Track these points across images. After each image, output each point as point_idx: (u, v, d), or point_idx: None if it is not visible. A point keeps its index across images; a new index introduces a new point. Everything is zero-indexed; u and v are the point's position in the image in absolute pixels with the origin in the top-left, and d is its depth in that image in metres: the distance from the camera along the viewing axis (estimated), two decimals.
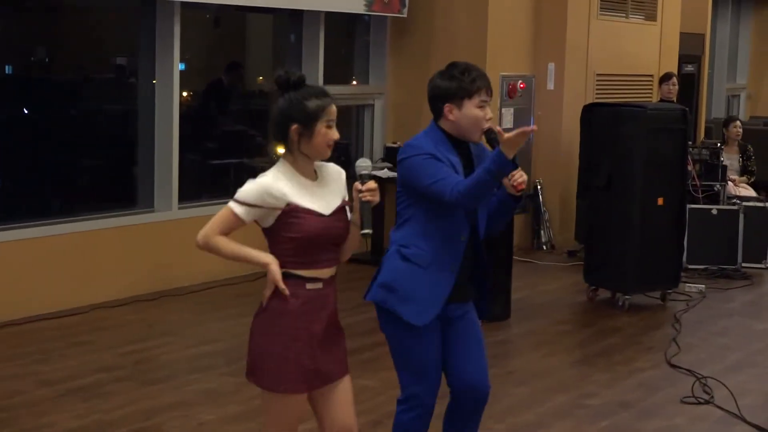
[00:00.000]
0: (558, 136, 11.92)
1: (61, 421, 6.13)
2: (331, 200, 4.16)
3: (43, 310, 8.39)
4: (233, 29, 10.95)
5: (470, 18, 11.26)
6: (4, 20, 8.46)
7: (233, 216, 4.01)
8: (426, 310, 4.54)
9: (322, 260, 4.12)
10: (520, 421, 6.36)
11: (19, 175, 8.78)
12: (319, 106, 4.04)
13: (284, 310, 4.06)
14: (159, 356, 7.64)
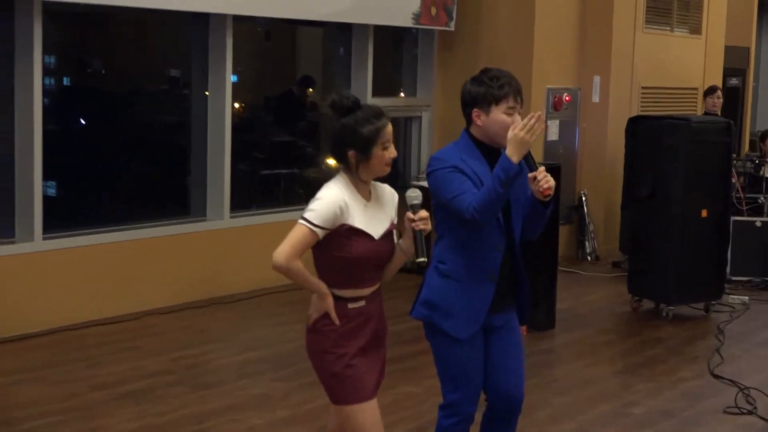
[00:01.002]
0: (603, 148, 11.92)
1: (114, 424, 6.22)
2: (381, 223, 4.22)
3: (97, 316, 8.51)
4: (284, 42, 11.04)
5: (516, 31, 11.30)
6: (61, 33, 8.57)
7: (312, 236, 4.03)
8: (468, 323, 4.58)
9: (366, 280, 4.20)
10: (562, 430, 6.40)
11: (75, 183, 8.89)
12: (373, 131, 4.09)
13: (331, 330, 4.15)
14: (209, 362, 7.73)
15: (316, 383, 4.43)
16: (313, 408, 4.34)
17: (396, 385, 6.84)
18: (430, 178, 4.54)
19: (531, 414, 6.62)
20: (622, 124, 10.76)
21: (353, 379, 4.17)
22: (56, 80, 8.74)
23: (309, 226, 3.99)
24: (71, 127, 8.95)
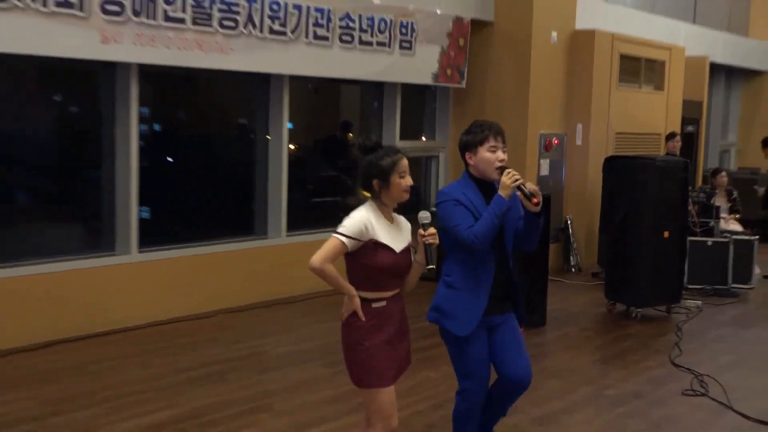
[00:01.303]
0: (584, 183, 11.90)
1: (191, 400, 6.27)
2: (401, 241, 4.28)
3: (181, 314, 8.54)
4: (330, 96, 11.09)
5: (515, 88, 11.30)
6: (154, 89, 8.65)
7: (342, 246, 4.11)
8: (466, 323, 4.64)
9: (387, 285, 4.26)
10: (553, 407, 6.39)
11: (166, 208, 8.94)
12: (390, 163, 4.18)
13: (359, 326, 4.20)
14: (270, 350, 7.78)
15: None
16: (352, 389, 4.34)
17: (418, 371, 6.84)
18: (439, 209, 4.64)
19: (527, 395, 6.54)
20: (600, 163, 10.71)
21: (375, 367, 4.21)
22: (149, 126, 8.81)
23: (340, 238, 4.10)
24: (161, 163, 8.99)
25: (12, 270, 7.47)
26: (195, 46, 8.20)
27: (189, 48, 8.16)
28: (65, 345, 7.52)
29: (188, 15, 8.08)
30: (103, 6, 7.44)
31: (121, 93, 8.22)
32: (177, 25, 8.01)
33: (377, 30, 9.99)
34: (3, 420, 5.73)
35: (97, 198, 8.40)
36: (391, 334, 4.26)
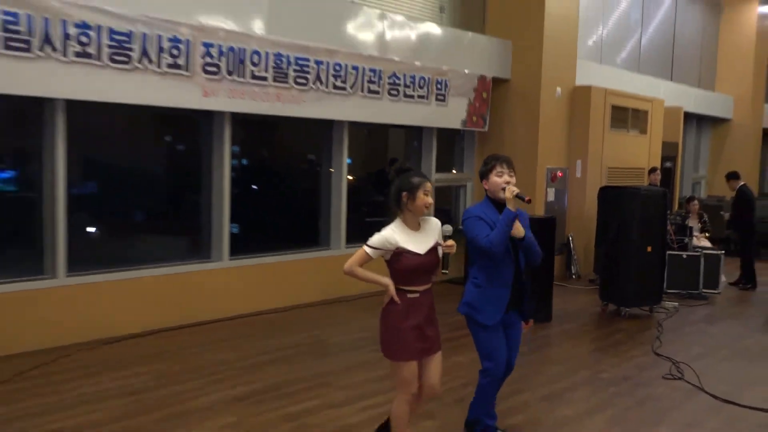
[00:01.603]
0: (583, 207, 11.84)
1: (268, 377, 6.32)
2: (427, 243, 4.33)
3: (263, 308, 8.60)
4: (380, 137, 11.14)
5: (527, 131, 11.32)
6: (243, 131, 8.73)
7: (366, 255, 4.27)
8: (492, 315, 4.72)
9: (418, 281, 4.32)
10: (557, 387, 6.36)
11: (251, 225, 9.02)
12: (419, 182, 4.29)
13: (394, 309, 4.30)
14: (331, 338, 7.79)
15: None
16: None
17: (449, 357, 6.82)
18: (464, 224, 4.75)
19: (535, 377, 6.58)
20: (595, 192, 10.70)
21: (402, 345, 4.29)
22: (238, 161, 8.90)
23: (365, 249, 4.28)
24: (247, 190, 9.09)
25: (132, 272, 7.60)
26: (275, 99, 8.31)
27: (270, 100, 8.27)
28: (171, 332, 7.63)
29: (270, 74, 8.20)
30: (204, 67, 7.58)
31: (217, 135, 8.36)
32: (261, 82, 8.13)
33: (418, 86, 10.05)
34: (122, 390, 5.84)
35: (197, 217, 8.51)
36: (419, 321, 4.31)
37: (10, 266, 6.90)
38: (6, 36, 6.19)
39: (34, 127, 7.02)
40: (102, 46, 6.79)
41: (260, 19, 8.14)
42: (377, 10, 9.62)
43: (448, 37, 10.60)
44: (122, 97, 7.04)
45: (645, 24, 15.59)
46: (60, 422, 5.13)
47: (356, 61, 9.14)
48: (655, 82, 15.32)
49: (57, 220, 7.02)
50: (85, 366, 6.39)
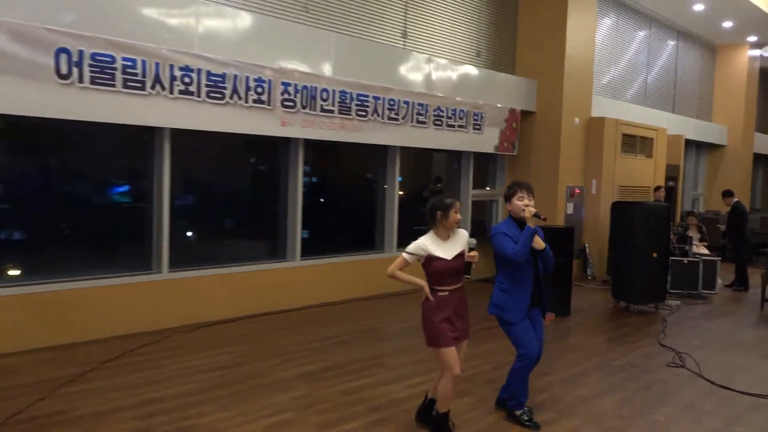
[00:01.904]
0: (597, 219, 11.60)
1: (333, 357, 6.29)
2: (454, 250, 4.34)
3: (327, 300, 8.60)
4: (425, 159, 11.09)
5: (550, 155, 11.16)
6: (313, 154, 8.76)
7: (404, 261, 4.33)
8: (517, 313, 4.73)
9: (447, 281, 4.34)
10: (574, 371, 6.21)
11: (319, 232, 9.03)
12: (451, 202, 4.33)
13: (429, 306, 4.33)
14: (384, 327, 7.74)
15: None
16: None
17: (482, 344, 6.73)
18: (492, 239, 4.76)
19: (555, 362, 6.43)
20: (608, 206, 10.50)
21: (439, 334, 4.30)
22: (309, 179, 8.93)
23: (404, 255, 4.32)
24: (316, 203, 9.10)
25: (222, 269, 7.67)
26: (340, 128, 8.32)
27: (336, 129, 8.28)
28: (253, 318, 7.66)
29: (336, 108, 8.22)
30: (282, 102, 7.63)
31: (292, 157, 8.40)
32: (328, 114, 8.15)
33: (458, 117, 9.96)
34: (212, 366, 5.88)
35: (275, 224, 8.53)
36: (449, 314, 4.33)
37: (124, 263, 7.02)
38: (125, 77, 6.32)
39: (145, 150, 7.14)
40: (201, 86, 6.88)
41: (328, 63, 8.17)
42: (425, 54, 9.59)
43: (483, 77, 10.51)
44: (216, 126, 7.12)
45: (650, 65, 15.27)
46: (161, 392, 5.18)
47: (407, 96, 9.11)
48: (659, 113, 15.01)
49: (162, 226, 7.12)
50: (182, 346, 6.45)
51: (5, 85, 5.60)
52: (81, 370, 5.55)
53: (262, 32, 7.48)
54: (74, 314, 6.38)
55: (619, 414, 5.15)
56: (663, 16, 15.16)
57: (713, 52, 18.09)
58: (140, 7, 6.48)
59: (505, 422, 4.87)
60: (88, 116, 6.16)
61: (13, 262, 6.39)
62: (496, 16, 11.19)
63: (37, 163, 6.69)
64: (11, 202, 6.46)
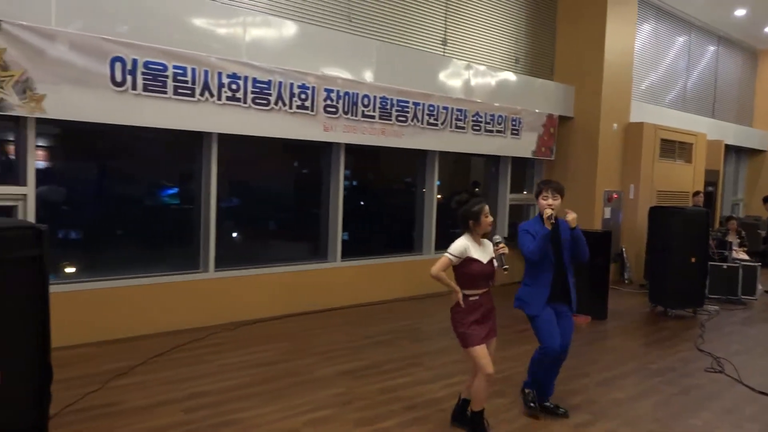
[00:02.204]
0: (635, 223, 11.36)
1: (372, 356, 6.29)
2: (487, 255, 4.37)
3: (366, 300, 8.61)
4: (464, 163, 11.03)
5: (588, 160, 10.97)
6: (354, 159, 8.78)
7: (449, 261, 4.32)
8: (536, 307, 4.77)
9: (479, 285, 4.36)
10: (611, 374, 6.10)
11: (359, 234, 9.05)
12: (479, 209, 4.34)
13: (461, 309, 4.35)
14: (422, 327, 7.69)
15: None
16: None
17: (520, 346, 6.65)
18: (518, 236, 4.82)
19: (592, 364, 6.33)
20: (646, 211, 10.21)
21: (470, 335, 4.32)
22: (350, 182, 8.97)
23: (449, 256, 4.31)
24: (356, 206, 9.12)
25: (265, 269, 7.74)
26: (380, 133, 8.33)
27: (376, 134, 8.30)
28: (294, 317, 7.70)
29: (376, 113, 8.23)
30: (325, 108, 7.68)
31: (334, 161, 8.44)
32: (369, 119, 8.17)
33: (496, 122, 9.88)
34: (254, 362, 5.93)
35: (317, 226, 8.58)
36: (479, 317, 4.35)
37: (173, 262, 7.15)
38: (176, 85, 6.44)
39: (194, 155, 7.26)
40: (247, 92, 6.97)
41: (369, 70, 8.19)
42: (464, 61, 9.54)
43: (521, 82, 10.41)
44: (261, 131, 7.20)
45: (690, 70, 14.92)
46: (207, 386, 5.25)
47: (446, 102, 9.08)
48: (698, 119, 14.64)
49: (209, 227, 7.23)
50: (226, 342, 6.53)
51: (64, 93, 5.76)
52: (131, 365, 5.66)
53: (306, 40, 7.54)
54: (125, 311, 6.52)
55: (656, 418, 5.04)
56: (703, 21, 14.81)
57: (755, 57, 17.60)
58: (190, 18, 6.60)
59: (540, 422, 4.81)
60: (140, 122, 6.30)
61: (69, 260, 6.56)
62: (535, 23, 11.08)
63: (92, 166, 6.86)
64: (68, 204, 6.64)
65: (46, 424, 3.25)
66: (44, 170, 6.30)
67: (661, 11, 13.51)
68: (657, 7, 13.36)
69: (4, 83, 5.44)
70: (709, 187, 13.61)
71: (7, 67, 5.43)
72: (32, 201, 5.96)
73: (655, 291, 8.99)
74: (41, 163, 6.25)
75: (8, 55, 5.42)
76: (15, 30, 5.45)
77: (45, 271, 3.16)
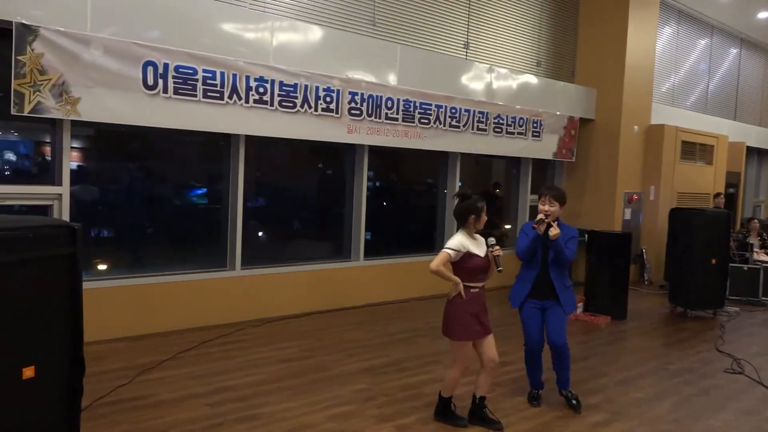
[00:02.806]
0: (655, 225, 11.22)
1: (392, 354, 6.27)
2: (482, 250, 4.45)
3: (387, 299, 8.60)
4: (485, 165, 10.97)
5: (608, 161, 10.87)
6: (377, 160, 8.78)
7: (448, 256, 4.38)
8: (516, 301, 5.00)
9: (478, 278, 4.43)
10: (630, 374, 6.03)
11: (382, 234, 9.04)
12: (481, 206, 4.44)
13: (460, 301, 4.40)
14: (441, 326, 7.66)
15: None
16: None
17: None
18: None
19: (610, 365, 6.26)
20: (666, 212, 10.08)
21: (464, 329, 4.38)
22: (373, 183, 8.97)
23: (447, 251, 4.37)
24: (379, 206, 9.12)
25: (290, 268, 7.78)
26: (403, 135, 8.33)
27: (399, 136, 8.29)
28: (318, 315, 7.73)
29: (399, 116, 8.23)
30: (349, 110, 7.70)
31: (358, 163, 8.45)
32: (392, 122, 8.17)
33: (517, 125, 9.82)
34: (280, 358, 5.96)
35: (340, 226, 8.60)
36: (477, 310, 4.40)
37: (201, 260, 7.22)
38: (205, 88, 6.50)
39: (222, 156, 7.32)
40: (274, 95, 7.01)
41: (393, 73, 8.19)
42: (486, 64, 9.50)
43: (543, 85, 10.33)
44: (287, 133, 7.24)
45: (712, 72, 14.68)
46: (233, 381, 5.30)
47: (468, 105, 9.04)
48: (720, 121, 14.40)
49: (236, 226, 7.28)
50: (251, 339, 6.57)
51: (98, 96, 5.85)
52: (159, 359, 5.73)
53: (331, 44, 7.56)
54: (154, 307, 6.60)
55: (675, 418, 4.96)
56: (726, 24, 14.56)
57: None
58: (219, 23, 6.66)
59: (559, 421, 4.77)
60: (171, 124, 6.37)
61: (102, 257, 6.66)
62: (557, 27, 10.99)
63: (124, 167, 6.96)
64: (102, 203, 6.74)
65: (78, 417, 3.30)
66: (78, 170, 6.39)
67: (682, 14, 13.31)
68: (678, 10, 13.17)
69: (42, 87, 5.54)
70: (731, 189, 13.39)
71: (44, 71, 5.53)
72: (67, 200, 6.06)
73: (675, 292, 8.87)
74: (75, 163, 6.35)
75: (45, 59, 5.51)
76: (52, 35, 5.54)
77: (78, 269, 3.21)
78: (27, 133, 6.20)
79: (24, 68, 5.41)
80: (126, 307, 6.40)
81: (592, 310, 8.29)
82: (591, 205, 11.00)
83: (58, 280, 3.12)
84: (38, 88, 5.52)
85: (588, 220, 10.81)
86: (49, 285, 3.07)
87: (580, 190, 11.08)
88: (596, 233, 8.68)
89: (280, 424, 4.47)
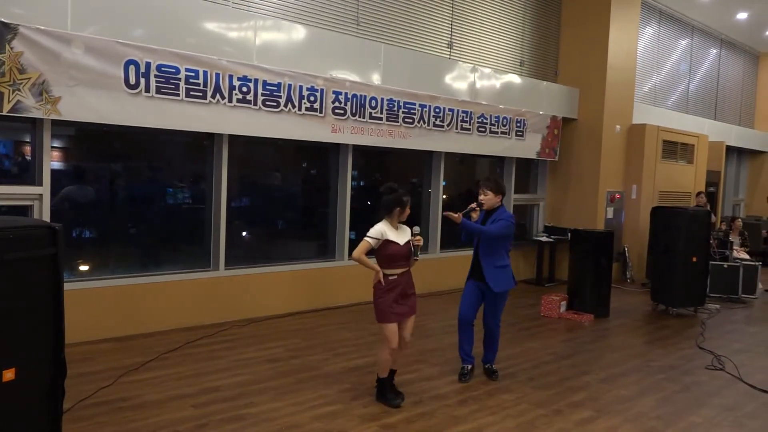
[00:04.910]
0: (637, 223, 11.32)
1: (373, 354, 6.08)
2: (404, 238, 4.76)
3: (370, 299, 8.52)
4: (469, 164, 11.00)
5: (591, 161, 10.94)
6: (361, 159, 8.77)
7: (369, 244, 4.69)
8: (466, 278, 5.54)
9: (397, 265, 4.74)
10: (613, 371, 6.07)
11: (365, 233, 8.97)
12: (407, 200, 4.76)
13: (381, 287, 4.74)
14: (428, 324, 7.65)
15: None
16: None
17: (523, 343, 6.60)
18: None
19: (594, 363, 6.30)
20: (648, 211, 10.25)
21: (386, 312, 4.72)
22: (357, 182, 8.95)
23: (368, 239, 4.67)
24: (363, 205, 9.09)
25: (274, 267, 7.75)
26: (387, 134, 8.33)
27: (383, 135, 8.29)
28: (303, 314, 7.70)
29: (384, 115, 8.22)
30: (333, 110, 7.68)
31: (342, 162, 8.44)
32: (377, 121, 8.17)
33: (501, 124, 9.85)
34: (264, 358, 5.94)
35: (325, 225, 8.58)
36: (397, 294, 4.72)
37: (184, 260, 7.16)
38: (188, 87, 6.45)
39: (205, 155, 7.28)
40: (257, 95, 6.97)
41: (377, 73, 8.18)
42: (470, 64, 9.52)
43: (526, 85, 10.38)
44: (271, 132, 7.20)
45: (692, 72, 14.85)
46: (217, 381, 5.26)
47: (452, 104, 9.06)
48: (700, 120, 14.57)
49: (219, 226, 7.24)
50: (238, 339, 6.54)
51: (79, 95, 5.78)
52: (143, 360, 5.68)
53: (315, 44, 7.54)
54: (138, 307, 6.54)
55: (657, 415, 5.01)
56: (706, 24, 14.73)
57: (756, 60, 17.52)
58: (203, 22, 6.61)
59: (544, 419, 4.79)
60: (153, 123, 6.31)
61: (84, 258, 6.59)
62: (540, 27, 11.05)
63: (106, 166, 6.88)
64: (83, 203, 6.66)
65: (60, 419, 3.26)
66: (59, 170, 6.32)
67: (663, 15, 13.45)
68: (660, 10, 13.29)
69: (22, 85, 5.46)
70: (711, 188, 13.54)
71: (24, 69, 5.45)
72: (47, 201, 5.98)
73: (657, 289, 8.95)
74: (56, 163, 6.27)
75: (25, 58, 5.44)
76: (32, 34, 5.47)
77: (60, 269, 3.17)
78: (7, 133, 6.12)
79: (3, 67, 5.33)
80: (109, 308, 6.34)
81: (576, 308, 8.34)
82: (574, 204, 11.08)
83: (39, 282, 3.08)
84: (18, 87, 5.44)
85: (571, 219, 10.89)
86: (30, 286, 3.02)
87: (563, 189, 11.16)
88: (579, 232, 8.74)
89: (266, 425, 4.45)
